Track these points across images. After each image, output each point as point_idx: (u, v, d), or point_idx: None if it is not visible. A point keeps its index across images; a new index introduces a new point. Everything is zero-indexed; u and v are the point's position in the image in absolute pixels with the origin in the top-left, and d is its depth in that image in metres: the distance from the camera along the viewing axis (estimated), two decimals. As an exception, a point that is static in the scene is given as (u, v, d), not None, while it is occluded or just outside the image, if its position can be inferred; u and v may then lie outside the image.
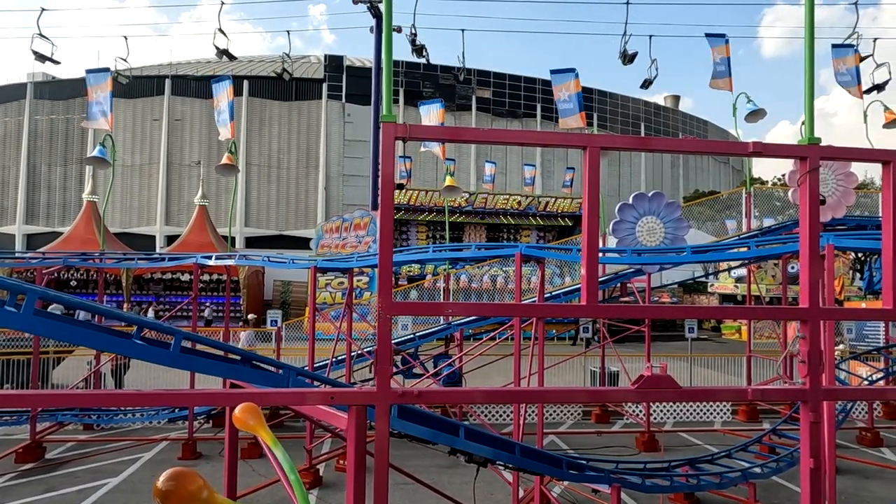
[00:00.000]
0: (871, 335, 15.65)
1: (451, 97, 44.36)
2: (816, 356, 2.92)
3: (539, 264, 8.25)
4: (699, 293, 32.34)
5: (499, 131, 2.95)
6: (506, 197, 27.86)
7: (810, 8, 3.09)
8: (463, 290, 24.32)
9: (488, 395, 3.10)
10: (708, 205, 37.19)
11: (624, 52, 12.77)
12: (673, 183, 54.08)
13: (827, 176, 9.83)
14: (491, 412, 11.67)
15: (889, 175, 3.05)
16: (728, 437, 10.62)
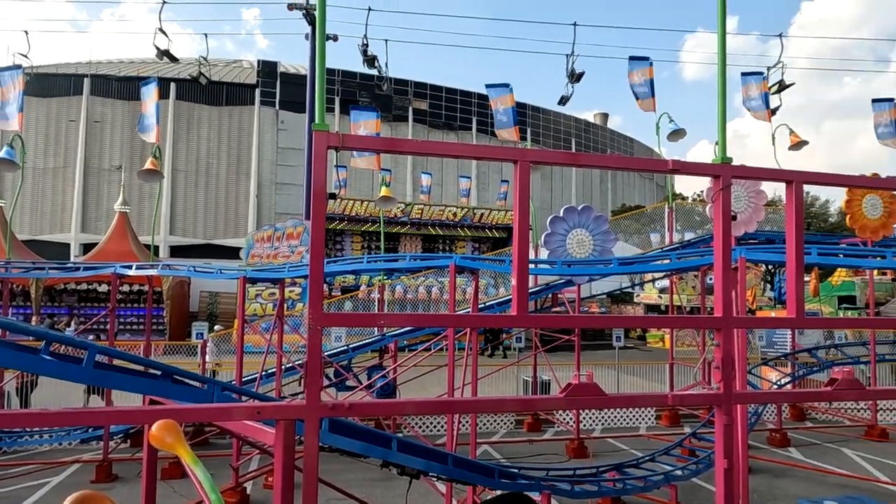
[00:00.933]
0: (779, 342, 16.77)
1: (388, 108, 44.35)
2: (729, 363, 3.10)
3: (473, 275, 8.34)
4: (626, 303, 33.65)
5: (433, 143, 2.98)
6: (441, 208, 28.04)
7: (722, 38, 3.31)
8: (398, 301, 24.20)
9: (420, 406, 3.10)
10: (634, 218, 38.88)
11: (571, 72, 13.20)
12: (602, 197, 56.21)
13: (740, 193, 10.50)
14: (425, 423, 11.64)
15: (792, 193, 3.30)
16: (652, 441, 11.07)
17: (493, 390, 13.96)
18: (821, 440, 11.49)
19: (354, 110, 10.16)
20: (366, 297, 23.33)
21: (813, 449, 10.84)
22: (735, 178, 3.17)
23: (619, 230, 35.41)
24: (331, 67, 41.27)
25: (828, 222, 43.56)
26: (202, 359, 11.37)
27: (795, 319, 3.38)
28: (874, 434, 11.55)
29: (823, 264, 9.95)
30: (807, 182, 3.33)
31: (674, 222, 14.86)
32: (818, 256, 8.21)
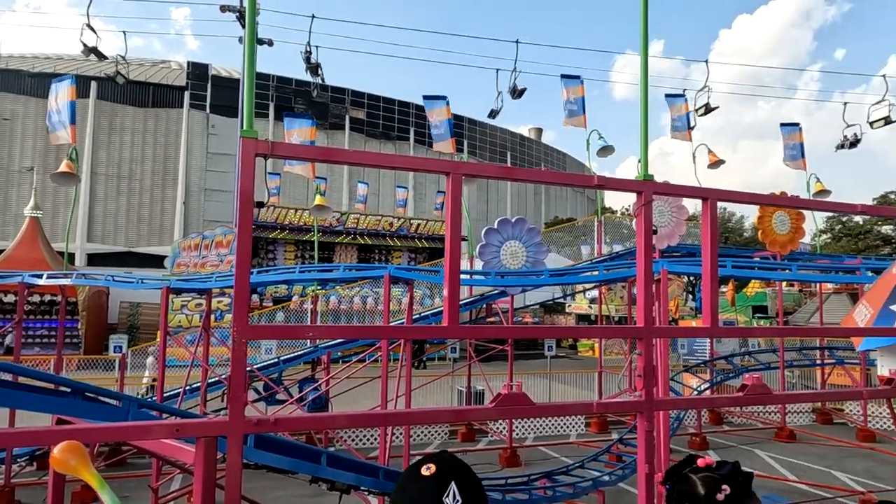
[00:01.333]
0: (700, 350, 17.68)
1: (325, 115, 43.81)
2: (651, 371, 3.23)
3: (408, 286, 8.33)
4: (558, 313, 34.52)
5: (365, 153, 2.96)
6: (378, 218, 27.86)
7: (644, 62, 3.48)
8: (332, 312, 23.78)
9: (352, 419, 3.04)
10: (566, 231, 40.04)
11: (514, 88, 13.46)
12: (536, 209, 57.60)
13: (664, 208, 11.03)
14: (358, 436, 11.46)
15: (707, 210, 3.49)
16: (582, 448, 11.36)
17: (428, 401, 13.93)
18: (736, 442, 12.15)
19: (288, 117, 9.97)
20: (298, 308, 22.79)
21: (729, 451, 11.44)
22: (656, 194, 3.31)
23: (551, 242, 36.37)
24: (266, 72, 40.35)
25: (743, 237, 46.42)
26: (120, 373, 10.74)
27: (710, 329, 3.57)
28: (783, 436, 12.33)
29: (738, 276, 10.61)
30: (721, 199, 3.53)
31: (603, 235, 15.41)
32: (732, 269, 8.73)
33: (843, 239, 28.69)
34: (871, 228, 28.14)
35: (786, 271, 9.94)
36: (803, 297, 28.89)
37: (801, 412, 14.09)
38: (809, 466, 10.35)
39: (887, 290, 4.70)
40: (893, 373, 4.11)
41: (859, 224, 28.37)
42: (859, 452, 11.33)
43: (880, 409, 12.86)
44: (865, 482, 9.36)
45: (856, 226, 28.64)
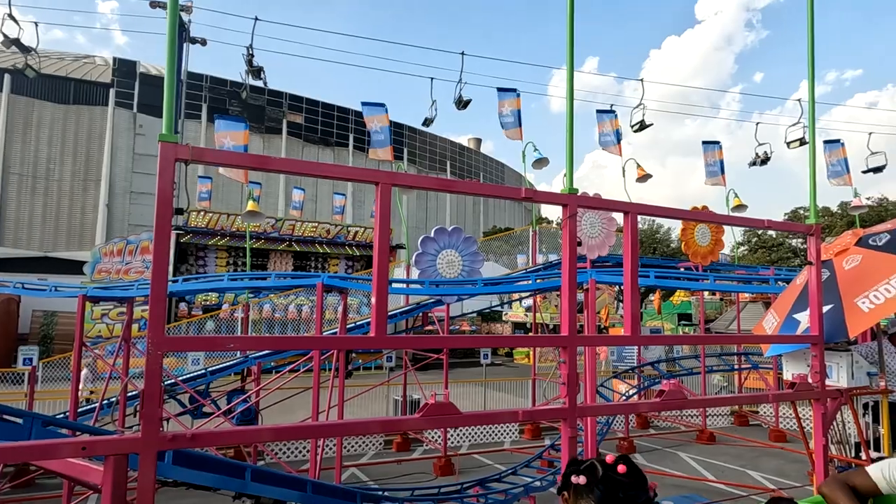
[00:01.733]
0: (629, 356, 18.34)
1: (261, 119, 42.76)
2: (574, 378, 3.33)
3: (342, 294, 8.22)
4: (495, 321, 34.97)
5: (292, 161, 2.91)
6: (315, 225, 27.36)
7: (570, 82, 3.61)
8: (266, 321, 23.13)
9: (279, 432, 2.97)
10: (504, 240, 40.67)
11: (459, 99, 13.53)
12: (475, 218, 58.23)
13: (595, 220, 11.40)
14: (289, 449, 11.17)
15: (628, 223, 3.65)
16: (515, 455, 11.52)
17: (364, 411, 13.77)
18: (661, 445, 12.66)
19: (220, 119, 9.63)
20: (229, 317, 22.01)
21: (654, 454, 11.90)
22: (580, 207, 3.43)
23: (489, 251, 36.87)
24: (198, 72, 38.98)
25: (670, 247, 48.60)
26: (30, 388, 10.01)
27: (631, 337, 3.72)
28: (704, 438, 12.96)
29: (661, 286, 11.10)
30: (641, 213, 3.69)
31: (538, 244, 15.77)
32: (656, 279, 9.12)
33: (759, 251, 30.60)
34: (783, 241, 30.16)
35: (706, 281, 10.51)
36: (724, 306, 30.54)
37: (720, 415, 14.85)
38: (727, 466, 10.92)
39: (791, 300, 5.05)
40: (796, 377, 4.41)
41: (772, 237, 30.36)
42: (771, 452, 12.04)
43: (790, 411, 13.75)
44: (775, 480, 9.97)
45: (769, 238, 30.63)
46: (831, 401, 4.35)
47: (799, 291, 5.00)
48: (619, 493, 1.67)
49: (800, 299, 4.84)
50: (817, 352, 4.19)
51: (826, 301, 4.40)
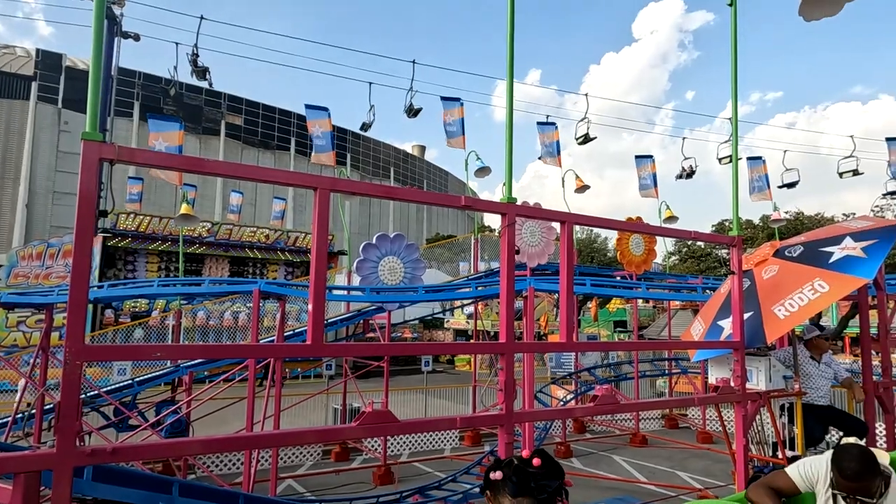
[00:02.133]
0: (567, 363, 18.77)
1: (198, 119, 41.37)
2: (511, 385, 3.38)
3: (281, 301, 8.03)
4: (437, 328, 35.04)
5: (226, 164, 2.83)
6: (253, 229, 26.61)
7: (510, 90, 3.69)
8: (200, 328, 22.26)
9: (208, 444, 2.86)
10: (447, 247, 40.87)
11: (410, 107, 13.46)
12: (418, 225, 58.29)
13: (535, 229, 11.64)
14: (222, 462, 10.77)
15: (564, 232, 3.75)
16: (455, 461, 11.54)
17: (303, 420, 13.45)
18: (597, 449, 13.00)
19: (153, 119, 9.24)
20: (159, 325, 21.05)
21: (590, 457, 12.21)
22: (518, 216, 3.50)
23: (432, 258, 36.96)
24: (130, 69, 37.31)
25: (607, 256, 50.22)
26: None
27: (567, 343, 3.82)
28: (637, 441, 13.40)
29: (597, 294, 11.46)
30: (576, 223, 3.81)
31: (479, 252, 15.94)
32: (592, 287, 9.40)
33: (689, 260, 32.09)
34: (710, 251, 31.76)
35: (639, 289, 10.91)
36: (656, 313, 31.80)
37: (652, 418, 15.41)
38: (657, 468, 11.33)
39: (716, 308, 5.32)
40: (720, 381, 4.64)
41: (701, 247, 31.93)
42: (699, 453, 12.59)
43: (716, 413, 14.42)
44: (702, 479, 10.42)
45: (698, 249, 32.19)
46: (751, 403, 4.60)
47: (723, 300, 5.27)
48: (531, 482, 1.80)
49: (723, 307, 5.11)
50: (738, 357, 4.43)
51: (747, 309, 4.66)
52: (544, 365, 19.32)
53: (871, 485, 2.54)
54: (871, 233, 4.76)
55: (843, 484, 2.58)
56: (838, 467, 2.61)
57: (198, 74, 13.25)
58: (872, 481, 2.55)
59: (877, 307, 5.79)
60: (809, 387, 5.41)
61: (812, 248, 4.97)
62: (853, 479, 2.55)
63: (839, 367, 5.80)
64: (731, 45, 4.76)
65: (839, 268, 4.53)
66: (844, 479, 2.58)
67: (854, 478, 2.55)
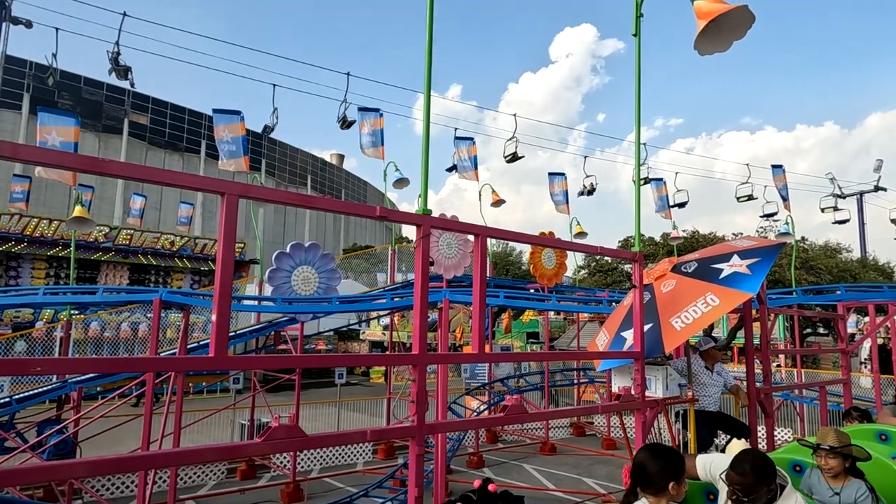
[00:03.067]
0: (481, 374, 19.04)
1: (98, 116, 38.66)
2: (423, 396, 3.37)
3: (185, 311, 7.61)
4: (353, 340, 34.49)
5: (126, 165, 2.64)
6: (156, 235, 25.07)
7: (427, 102, 3.72)
8: (93, 340, 20.62)
9: (95, 466, 2.63)
10: (364, 258, 40.44)
11: (343, 118, 13.16)
12: (335, 235, 57.30)
13: (452, 241, 11.77)
14: (113, 485, 9.99)
15: (478, 245, 3.82)
16: (368, 476, 11.36)
17: (206, 438, 12.77)
18: (508, 458, 13.25)
19: (43, 112, 8.53)
20: (45, 336, 19.29)
21: (502, 467, 12.42)
22: (433, 228, 3.52)
23: (349, 269, 36.43)
24: (19, 57, 34.30)
25: (521, 269, 51.63)
26: None
27: (479, 354, 3.87)
28: (546, 449, 13.79)
29: (511, 306, 11.73)
30: (490, 236, 3.88)
31: (397, 263, 15.90)
32: (506, 299, 9.62)
33: (597, 274, 33.60)
34: (616, 266, 33.44)
35: (550, 302, 11.28)
36: (567, 324, 33.00)
37: (561, 427, 15.93)
38: (565, 475, 11.71)
39: (619, 319, 5.59)
40: (622, 389, 4.86)
41: (608, 262, 33.55)
42: (603, 459, 13.14)
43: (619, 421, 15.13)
44: (607, 485, 10.88)
45: (606, 263, 33.80)
46: (650, 410, 4.87)
47: (625, 312, 5.56)
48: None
49: (626, 319, 5.38)
50: (639, 366, 4.67)
51: (647, 321, 4.94)
52: (459, 376, 19.50)
53: (752, 484, 2.76)
54: (755, 251, 5.20)
55: (730, 476, 2.82)
56: (731, 463, 2.87)
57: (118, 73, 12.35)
58: (755, 483, 2.76)
59: (759, 319, 6.32)
60: (702, 394, 5.81)
61: (705, 264, 5.36)
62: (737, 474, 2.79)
63: (729, 376, 6.26)
64: (636, 73, 5.06)
65: (728, 283, 4.90)
66: (731, 469, 2.83)
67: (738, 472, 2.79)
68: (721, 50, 4.20)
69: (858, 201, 33.25)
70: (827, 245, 33.60)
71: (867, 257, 34.33)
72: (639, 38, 4.86)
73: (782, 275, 24.84)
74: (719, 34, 4.12)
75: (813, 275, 27.31)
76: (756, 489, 2.78)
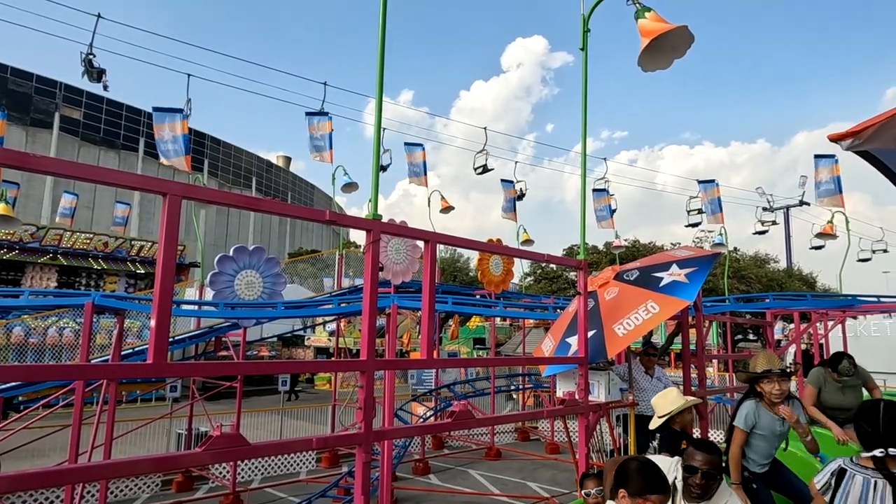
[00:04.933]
0: (428, 380, 19.04)
1: (26, 109, 36.56)
2: (371, 403, 3.34)
3: (119, 316, 7.27)
4: (297, 346, 33.78)
5: (57, 161, 2.51)
6: (89, 236, 23.85)
7: (378, 106, 3.71)
8: (15, 346, 19.37)
9: (15, 480, 2.48)
10: (310, 262, 39.76)
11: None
12: (280, 239, 56.11)
13: (400, 247, 11.73)
14: (38, 501, 9.39)
15: (428, 251, 3.83)
16: (311, 485, 11.12)
17: (140, 449, 12.20)
18: (454, 464, 13.26)
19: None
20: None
21: (447, 473, 12.42)
22: (383, 233, 3.51)
23: (294, 273, 35.72)
24: (-61, 43, 32.11)
25: (469, 276, 52.00)
26: None
27: (428, 360, 3.87)
28: (492, 455, 13.89)
29: (458, 311, 11.80)
30: (439, 242, 3.90)
31: (344, 268, 15.72)
32: (453, 305, 9.66)
33: (542, 281, 34.28)
34: (561, 273, 34.24)
35: (497, 308, 11.41)
36: (512, 331, 33.43)
37: (506, 432, 16.09)
38: (510, 479, 11.82)
39: (564, 326, 5.72)
40: (566, 394, 4.97)
41: (553, 269, 34.31)
42: (548, 463, 13.35)
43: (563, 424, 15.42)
44: (549, 488, 11.05)
45: (551, 271, 34.55)
46: (593, 414, 5.00)
47: (570, 318, 5.68)
48: None
49: (571, 325, 5.51)
50: (583, 371, 4.79)
51: (591, 327, 5.07)
52: (406, 382, 19.41)
53: (718, 462, 2.98)
54: (693, 261, 5.44)
55: (694, 457, 2.98)
56: (695, 446, 3.08)
57: (92, 76, 11.73)
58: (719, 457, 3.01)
59: (695, 326, 6.60)
60: (642, 398, 6.00)
61: (646, 272, 5.55)
62: (707, 452, 2.98)
63: (668, 380, 6.50)
64: (583, 85, 5.22)
65: (667, 291, 5.10)
66: (697, 450, 3.02)
67: (706, 450, 3.00)
68: (663, 67, 4.39)
69: (785, 214, 35.29)
70: (757, 255, 35.50)
71: (792, 268, 36.48)
72: (585, 53, 5.01)
73: (716, 283, 26.06)
74: (661, 52, 4.30)
75: (744, 283, 28.78)
76: (719, 465, 2.95)
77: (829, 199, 12.48)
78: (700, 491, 2.93)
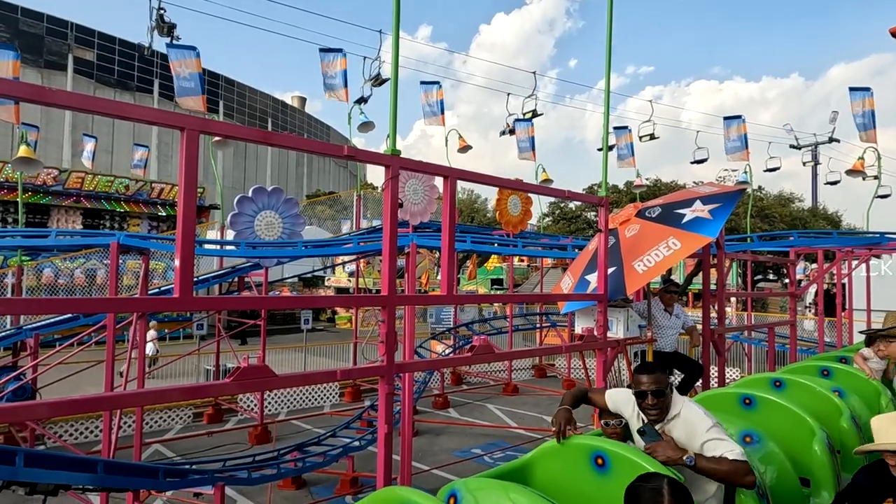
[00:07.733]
0: (446, 318, 19.34)
1: (38, 51, 36.23)
2: (393, 337, 3.40)
3: (143, 256, 7.42)
4: (317, 287, 34.41)
5: (75, 95, 2.48)
6: (110, 179, 24.04)
7: (396, 42, 3.59)
8: (46, 287, 20.00)
9: (55, 407, 2.60)
10: (328, 204, 39.86)
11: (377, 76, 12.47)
12: (298, 181, 56.16)
13: (418, 187, 11.64)
14: (76, 430, 9.93)
15: (447, 187, 3.79)
16: (335, 418, 11.57)
17: (171, 383, 12.74)
18: (472, 399, 13.66)
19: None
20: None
21: (466, 407, 12.81)
22: (402, 169, 3.46)
23: (313, 215, 35.94)
24: (-52, -17, 31.62)
25: (487, 217, 51.82)
26: None
27: (447, 296, 3.90)
28: (509, 390, 14.26)
29: (477, 251, 11.82)
30: (459, 178, 3.85)
31: (362, 209, 15.73)
32: (472, 244, 9.66)
33: (561, 222, 34.04)
34: (580, 214, 33.92)
35: (515, 247, 11.40)
36: (530, 271, 33.57)
37: (523, 369, 16.44)
38: (527, 414, 12.17)
39: (584, 263, 5.70)
40: (584, 330, 5.01)
41: (572, 209, 33.97)
42: (563, 398, 13.69)
43: (580, 363, 15.68)
44: (566, 422, 11.37)
45: (569, 211, 34.23)
46: (611, 350, 5.05)
47: (590, 256, 5.66)
48: None
49: (590, 263, 5.49)
50: (602, 308, 4.80)
51: (611, 264, 5.05)
52: (425, 321, 19.74)
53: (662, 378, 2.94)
54: (717, 197, 5.32)
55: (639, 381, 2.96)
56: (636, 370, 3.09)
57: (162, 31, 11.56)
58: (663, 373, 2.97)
59: (716, 265, 6.54)
60: (660, 336, 6.03)
61: (668, 209, 5.46)
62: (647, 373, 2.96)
63: (688, 318, 6.51)
64: (608, 20, 4.98)
65: (690, 227, 5.02)
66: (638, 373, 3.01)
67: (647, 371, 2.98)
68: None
69: (813, 152, 34.18)
70: (781, 195, 34.70)
71: (818, 207, 35.66)
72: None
73: (738, 223, 25.65)
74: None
75: (767, 223, 28.29)
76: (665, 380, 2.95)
77: (864, 133, 12.01)
78: (656, 410, 2.93)
